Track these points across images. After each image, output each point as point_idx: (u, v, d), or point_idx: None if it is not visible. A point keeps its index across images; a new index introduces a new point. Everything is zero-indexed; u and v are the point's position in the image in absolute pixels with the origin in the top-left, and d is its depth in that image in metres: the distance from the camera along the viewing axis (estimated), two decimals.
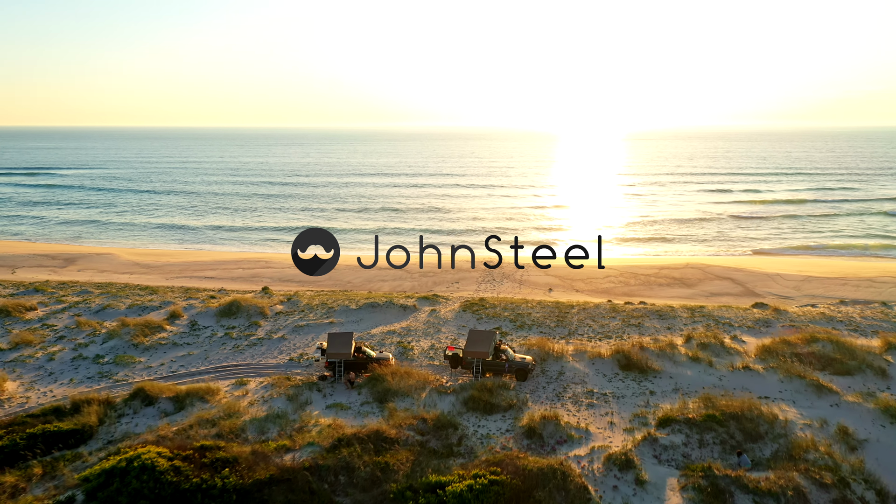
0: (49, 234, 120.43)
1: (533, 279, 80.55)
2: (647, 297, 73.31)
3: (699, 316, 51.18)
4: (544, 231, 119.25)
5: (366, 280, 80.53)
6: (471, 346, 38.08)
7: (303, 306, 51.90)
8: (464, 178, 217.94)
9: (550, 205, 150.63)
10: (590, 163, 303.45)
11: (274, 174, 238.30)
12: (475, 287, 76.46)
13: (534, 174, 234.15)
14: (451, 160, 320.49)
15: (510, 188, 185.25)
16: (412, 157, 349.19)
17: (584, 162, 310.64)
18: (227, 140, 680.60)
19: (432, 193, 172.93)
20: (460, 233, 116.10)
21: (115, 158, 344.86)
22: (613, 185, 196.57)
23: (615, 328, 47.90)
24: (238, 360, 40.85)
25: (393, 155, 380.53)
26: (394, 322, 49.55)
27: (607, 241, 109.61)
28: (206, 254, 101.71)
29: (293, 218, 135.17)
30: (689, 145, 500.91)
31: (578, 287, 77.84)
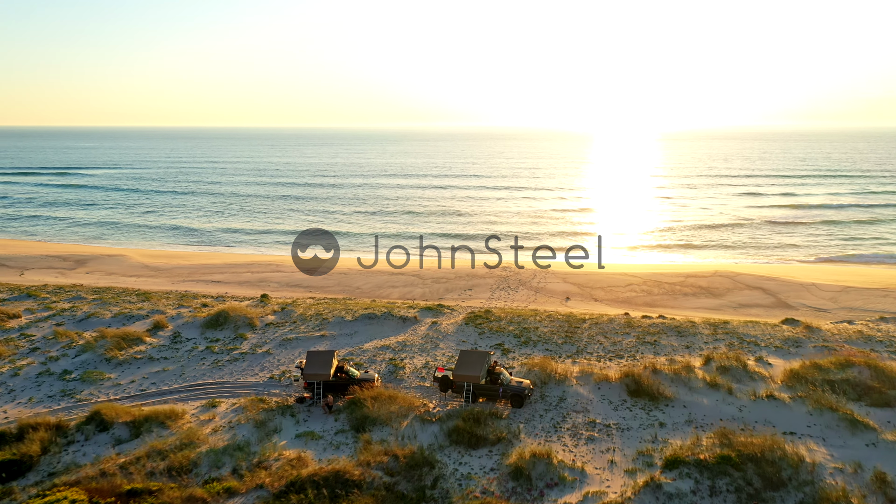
0: (67, 234, 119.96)
1: (550, 286, 76.70)
2: (669, 309, 68.97)
3: (722, 333, 46.88)
4: (562, 236, 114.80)
5: (375, 286, 77.52)
6: (461, 369, 34.51)
7: (296, 317, 48.95)
8: (489, 179, 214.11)
9: (575, 208, 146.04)
10: (621, 164, 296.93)
11: (300, 175, 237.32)
12: (488, 295, 72.88)
13: (562, 175, 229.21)
14: (479, 161, 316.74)
15: (536, 190, 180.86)
16: (440, 158, 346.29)
17: (616, 163, 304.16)
18: (258, 140, 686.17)
19: (456, 195, 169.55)
20: (475, 237, 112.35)
21: (144, 158, 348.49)
22: (644, 187, 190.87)
23: (628, 346, 43.91)
24: (215, 377, 37.97)
25: (421, 155, 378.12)
26: (390, 336, 46.26)
27: (633, 248, 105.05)
28: (218, 256, 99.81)
29: (309, 221, 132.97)
30: (725, 146, 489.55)
31: (598, 296, 73.74)
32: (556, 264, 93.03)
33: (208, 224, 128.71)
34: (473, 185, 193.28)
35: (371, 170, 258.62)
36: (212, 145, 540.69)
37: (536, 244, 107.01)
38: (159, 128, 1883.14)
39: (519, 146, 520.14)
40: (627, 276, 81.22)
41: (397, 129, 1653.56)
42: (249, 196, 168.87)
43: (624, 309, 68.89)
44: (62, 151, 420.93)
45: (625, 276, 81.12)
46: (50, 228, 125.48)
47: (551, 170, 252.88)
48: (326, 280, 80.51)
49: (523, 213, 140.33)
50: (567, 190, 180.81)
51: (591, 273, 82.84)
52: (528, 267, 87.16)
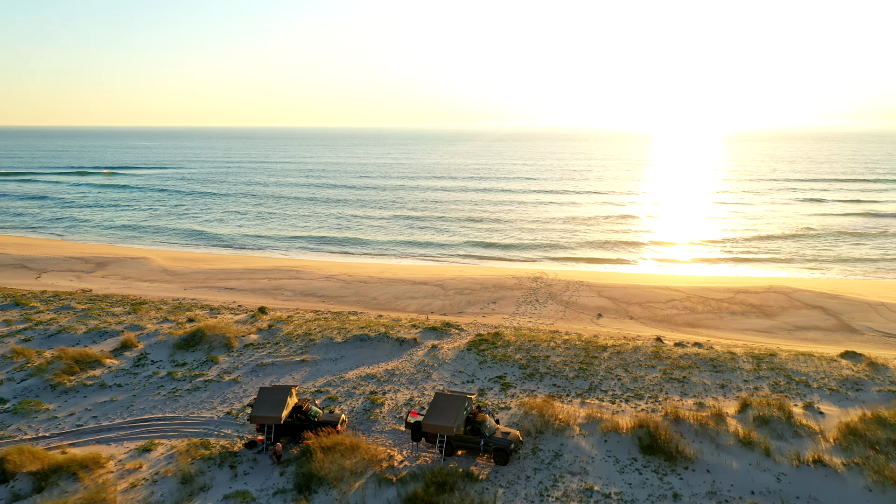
0: (100, 235, 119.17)
1: (583, 300, 70.15)
2: (712, 330, 61.61)
3: (766, 369, 39.79)
4: (604, 245, 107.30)
5: (393, 296, 72.47)
6: (433, 417, 28.75)
7: (281, 337, 44.16)
8: (536, 181, 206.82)
9: (623, 214, 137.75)
10: (679, 166, 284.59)
11: (345, 175, 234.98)
12: (513, 309, 66.89)
13: (612, 178, 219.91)
14: (529, 162, 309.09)
15: (582, 194, 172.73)
16: (490, 159, 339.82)
17: (673, 165, 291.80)
18: (313, 140, 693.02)
19: (498, 199, 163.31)
20: (510, 245, 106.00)
21: (195, 158, 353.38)
22: (700, 191, 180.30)
23: (651, 383, 37.39)
24: (167, 410, 33.38)
25: (471, 156, 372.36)
26: (381, 362, 40.94)
27: (680, 259, 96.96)
28: (242, 260, 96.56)
29: (341, 226, 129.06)
30: (791, 147, 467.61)
31: (634, 313, 66.83)
32: (593, 274, 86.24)
33: (240, 228, 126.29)
34: (518, 189, 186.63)
35: (417, 171, 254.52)
36: (266, 145, 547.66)
37: (575, 252, 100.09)
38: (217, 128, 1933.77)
39: (573, 147, 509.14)
40: (669, 290, 73.92)
41: (452, 129, 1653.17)
42: (289, 199, 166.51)
43: (661, 329, 61.91)
44: (125, 151, 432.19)
45: (666, 290, 73.84)
46: (81, 228, 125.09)
47: (602, 172, 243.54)
48: (344, 289, 75.94)
49: (566, 218, 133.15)
50: (616, 194, 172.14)
51: (629, 286, 75.85)
52: (563, 277, 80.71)
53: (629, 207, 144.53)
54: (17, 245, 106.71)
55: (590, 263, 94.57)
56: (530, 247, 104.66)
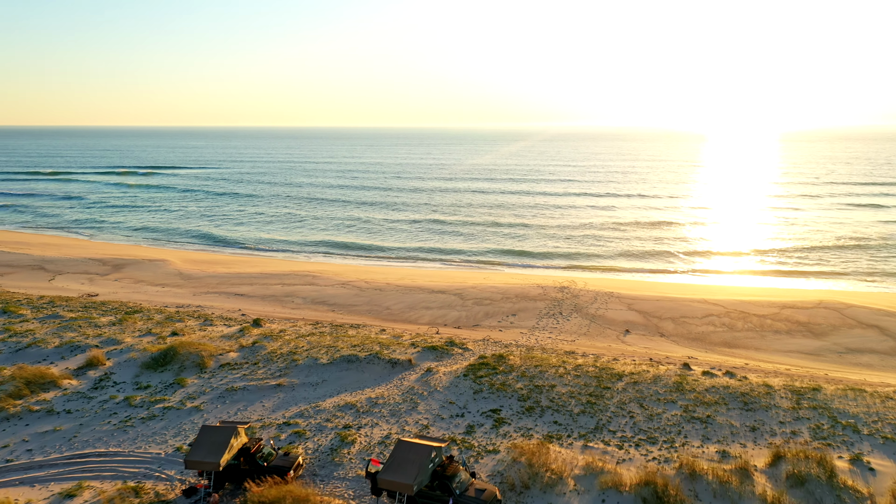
0: (125, 236, 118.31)
1: (610, 314, 64.72)
2: (752, 351, 55.57)
3: (807, 407, 34.05)
4: (639, 253, 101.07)
5: (408, 306, 68.27)
6: (392, 471, 24.07)
7: (263, 356, 40.27)
8: (576, 184, 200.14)
9: (662, 219, 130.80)
10: (729, 168, 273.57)
11: (383, 176, 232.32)
12: (533, 323, 61.95)
13: (657, 181, 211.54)
14: (572, 164, 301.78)
15: (623, 197, 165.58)
16: (532, 160, 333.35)
17: (723, 167, 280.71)
18: (358, 140, 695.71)
19: (535, 203, 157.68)
20: (538, 255, 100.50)
21: (238, 158, 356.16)
22: (751, 195, 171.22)
23: (669, 423, 32.14)
24: (112, 444, 29.72)
25: (514, 156, 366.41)
26: (366, 388, 36.65)
27: (722, 269, 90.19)
28: (261, 263, 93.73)
29: (370, 230, 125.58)
30: (849, 147, 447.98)
31: (665, 329, 61.15)
32: (626, 284, 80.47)
33: (267, 230, 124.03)
34: (556, 192, 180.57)
35: (455, 172, 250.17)
36: (310, 145, 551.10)
37: (608, 261, 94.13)
38: (263, 128, 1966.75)
39: (619, 148, 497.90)
40: (707, 304, 67.84)
41: (498, 129, 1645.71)
42: (321, 200, 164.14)
43: (694, 349, 56.16)
44: (172, 150, 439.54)
45: (704, 303, 67.79)
46: (110, 229, 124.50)
47: (647, 174, 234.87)
48: (357, 297, 72.10)
49: (603, 223, 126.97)
50: (659, 198, 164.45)
51: (662, 298, 70.01)
52: (592, 287, 75.27)
53: (671, 212, 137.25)
54: (42, 245, 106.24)
55: (623, 272, 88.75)
56: (562, 254, 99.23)
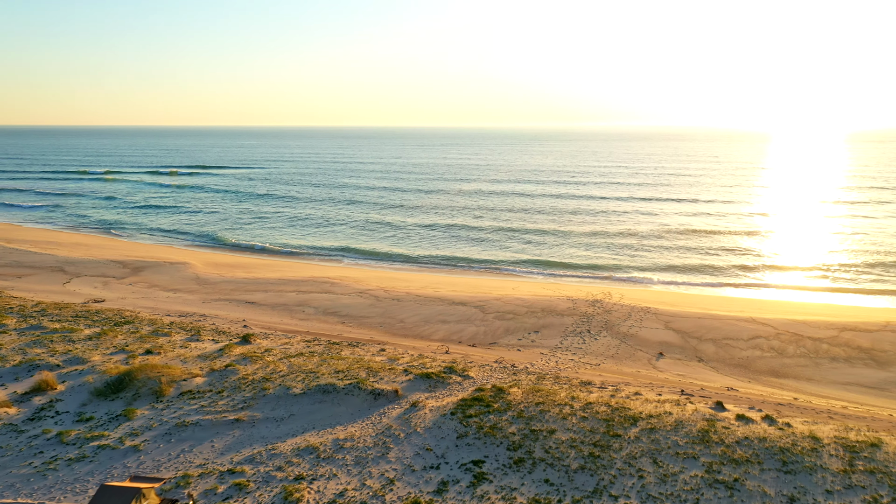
0: (156, 237, 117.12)
1: (644, 333, 58.44)
2: (803, 383, 48.68)
3: (863, 469, 27.61)
4: (675, 266, 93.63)
5: (423, 319, 63.38)
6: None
7: (232, 381, 35.94)
8: (624, 187, 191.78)
9: (715, 227, 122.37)
10: (794, 170, 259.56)
11: (425, 178, 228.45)
12: (556, 342, 56.27)
13: (711, 183, 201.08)
14: (623, 165, 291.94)
15: (674, 202, 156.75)
16: (583, 160, 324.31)
17: (788, 169, 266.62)
18: (407, 139, 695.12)
19: (579, 207, 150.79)
20: (574, 265, 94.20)
21: (289, 158, 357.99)
22: (815, 200, 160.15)
23: (685, 488, 26.27)
24: (25, 492, 25.63)
25: (565, 157, 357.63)
26: (338, 425, 31.88)
27: (774, 284, 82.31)
28: (285, 267, 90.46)
29: (405, 236, 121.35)
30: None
31: (705, 352, 54.60)
32: (666, 297, 73.80)
33: (301, 233, 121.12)
34: (602, 195, 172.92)
35: (502, 173, 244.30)
36: (362, 144, 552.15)
37: (649, 274, 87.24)
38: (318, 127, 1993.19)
39: (675, 148, 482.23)
40: (756, 323, 60.77)
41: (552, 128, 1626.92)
42: (362, 203, 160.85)
43: (735, 377, 49.57)
44: (229, 150, 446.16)
45: (752, 323, 60.75)
46: (143, 228, 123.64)
47: (702, 177, 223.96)
48: (372, 308, 67.61)
49: (649, 231, 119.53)
50: (714, 203, 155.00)
51: (704, 316, 63.20)
52: (628, 301, 68.93)
53: (724, 219, 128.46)
54: (73, 245, 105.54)
55: (664, 285, 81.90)
56: (600, 263, 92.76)
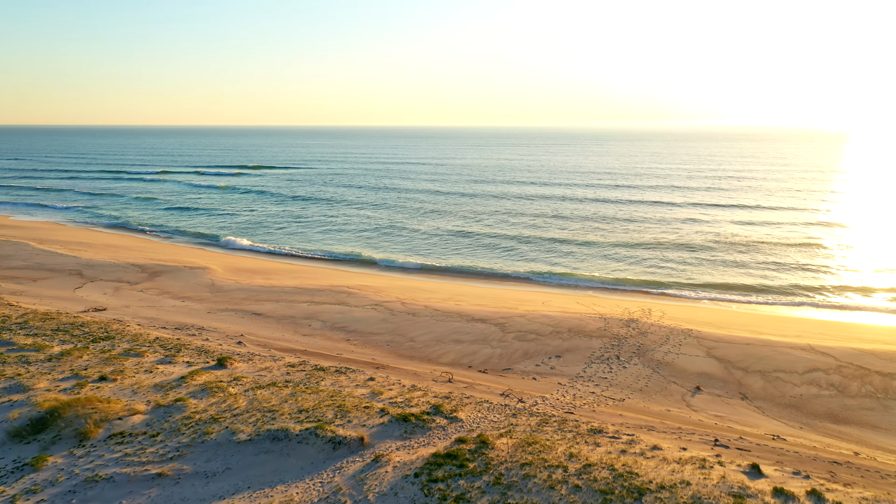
0: (183, 238, 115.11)
1: (681, 361, 51.38)
2: (867, 431, 41.00)
3: None
4: (723, 284, 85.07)
5: (435, 338, 57.84)
6: None
7: (172, 422, 31.12)
8: (677, 191, 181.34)
9: (774, 236, 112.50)
10: (872, 173, 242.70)
11: (475, 180, 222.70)
12: (579, 369, 49.94)
13: (776, 188, 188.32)
14: (683, 167, 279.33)
15: (726, 208, 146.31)
16: (640, 161, 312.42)
17: (864, 172, 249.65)
18: (463, 139, 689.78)
19: (631, 214, 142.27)
20: (607, 281, 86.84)
21: (336, 158, 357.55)
22: (893, 210, 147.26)
23: None
24: None
25: (621, 157, 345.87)
26: (278, 484, 26.64)
27: (841, 305, 73.20)
28: (306, 273, 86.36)
29: (434, 243, 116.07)
30: None
31: (751, 388, 47.34)
32: (711, 317, 66.01)
33: (335, 237, 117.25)
34: (655, 200, 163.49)
35: (554, 175, 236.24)
36: (416, 144, 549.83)
37: (696, 291, 79.14)
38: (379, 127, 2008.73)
39: (741, 148, 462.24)
40: (813, 352, 52.85)
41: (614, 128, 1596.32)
42: (400, 207, 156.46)
43: (783, 422, 42.18)
44: (285, 149, 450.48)
45: (808, 352, 52.86)
46: (174, 229, 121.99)
47: (764, 181, 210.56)
48: (383, 323, 62.47)
49: (701, 242, 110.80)
50: (778, 210, 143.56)
51: (754, 342, 55.47)
52: (668, 321, 61.66)
53: (788, 228, 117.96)
54: (102, 246, 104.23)
55: (713, 301, 74.03)
56: (644, 277, 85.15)
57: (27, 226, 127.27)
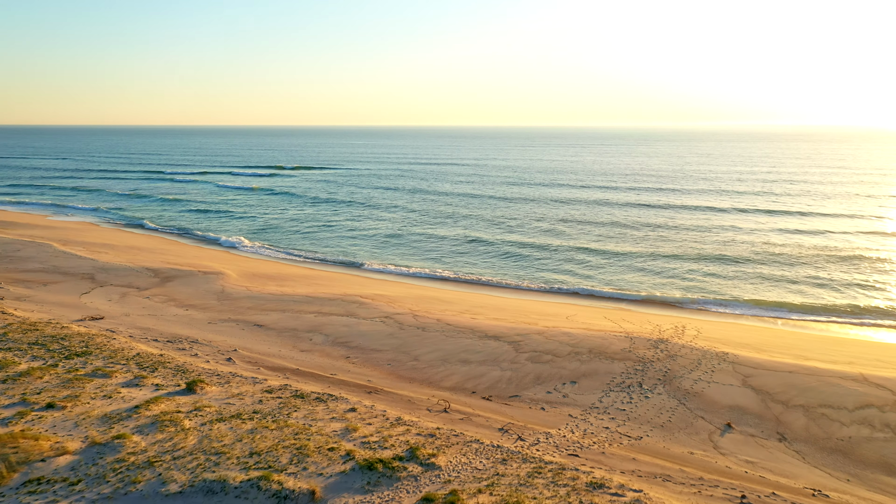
0: (205, 242, 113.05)
1: (712, 392, 45.57)
2: None
3: None
4: (753, 301, 78.17)
5: (441, 357, 53.22)
6: None
7: (102, 465, 27.27)
8: (724, 195, 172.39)
9: (824, 245, 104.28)
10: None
11: (513, 180, 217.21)
12: (596, 397, 44.73)
13: (830, 192, 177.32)
14: (734, 169, 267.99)
15: (776, 214, 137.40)
16: (689, 163, 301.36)
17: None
18: (512, 139, 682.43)
19: (672, 221, 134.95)
20: (634, 291, 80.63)
21: (377, 159, 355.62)
22: None
23: None
24: None
25: (670, 158, 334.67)
26: None
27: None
28: (322, 280, 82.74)
29: (464, 251, 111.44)
30: None
31: (790, 425, 41.39)
32: (751, 336, 59.64)
33: (354, 245, 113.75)
34: (699, 205, 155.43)
35: (596, 177, 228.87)
36: (461, 144, 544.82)
37: (733, 308, 72.54)
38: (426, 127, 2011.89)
39: (795, 149, 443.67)
40: (868, 384, 46.31)
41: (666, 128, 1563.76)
42: (438, 218, 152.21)
43: (827, 473, 36.15)
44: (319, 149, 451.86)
45: (862, 383, 46.36)
46: (205, 229, 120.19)
47: (818, 185, 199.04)
48: (390, 339, 58.14)
49: (748, 254, 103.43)
50: (831, 217, 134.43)
51: (797, 369, 49.08)
52: (701, 343, 55.65)
53: (844, 238, 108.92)
54: (125, 248, 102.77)
55: (755, 319, 67.46)
56: (681, 289, 78.85)
57: (59, 226, 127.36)
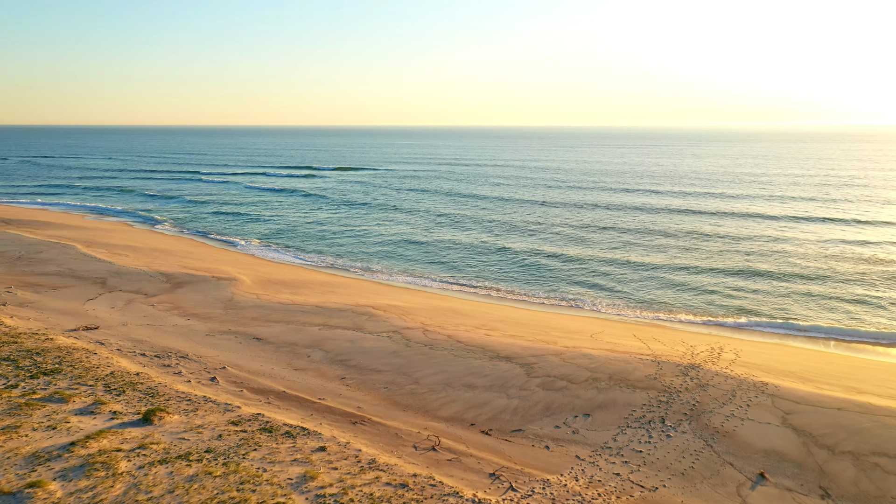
0: (226, 245, 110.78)
1: (745, 433, 39.77)
2: None
3: None
4: (802, 319, 70.79)
5: (445, 381, 48.65)
6: None
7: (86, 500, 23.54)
8: (776, 200, 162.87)
9: (876, 259, 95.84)
10: None
11: (551, 183, 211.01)
12: (610, 435, 39.60)
13: (893, 196, 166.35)
14: (788, 170, 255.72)
15: (832, 222, 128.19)
16: (740, 165, 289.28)
17: None
18: (557, 139, 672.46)
19: (709, 228, 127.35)
20: (668, 307, 74.24)
21: (417, 159, 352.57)
22: None
23: None
24: None
25: (722, 159, 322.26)
26: None
27: None
28: (336, 287, 79.15)
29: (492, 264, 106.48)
30: None
31: (836, 478, 35.49)
32: (799, 361, 53.17)
33: (375, 253, 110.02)
34: (745, 212, 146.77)
35: (637, 180, 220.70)
36: (504, 144, 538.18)
37: (776, 330, 65.67)
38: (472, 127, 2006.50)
39: (857, 150, 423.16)
40: None
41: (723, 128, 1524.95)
42: (469, 219, 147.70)
43: None
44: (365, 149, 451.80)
45: None
46: (219, 233, 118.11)
47: (880, 188, 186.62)
48: (393, 357, 53.81)
49: (795, 262, 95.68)
50: (887, 225, 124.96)
51: (847, 405, 42.60)
52: (738, 369, 49.59)
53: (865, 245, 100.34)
54: (147, 251, 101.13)
55: (803, 340, 60.78)
56: (721, 306, 72.35)
57: (92, 226, 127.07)
